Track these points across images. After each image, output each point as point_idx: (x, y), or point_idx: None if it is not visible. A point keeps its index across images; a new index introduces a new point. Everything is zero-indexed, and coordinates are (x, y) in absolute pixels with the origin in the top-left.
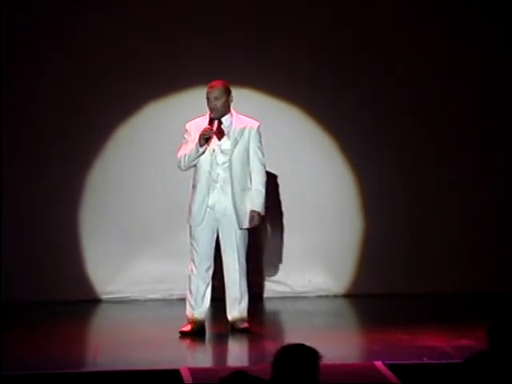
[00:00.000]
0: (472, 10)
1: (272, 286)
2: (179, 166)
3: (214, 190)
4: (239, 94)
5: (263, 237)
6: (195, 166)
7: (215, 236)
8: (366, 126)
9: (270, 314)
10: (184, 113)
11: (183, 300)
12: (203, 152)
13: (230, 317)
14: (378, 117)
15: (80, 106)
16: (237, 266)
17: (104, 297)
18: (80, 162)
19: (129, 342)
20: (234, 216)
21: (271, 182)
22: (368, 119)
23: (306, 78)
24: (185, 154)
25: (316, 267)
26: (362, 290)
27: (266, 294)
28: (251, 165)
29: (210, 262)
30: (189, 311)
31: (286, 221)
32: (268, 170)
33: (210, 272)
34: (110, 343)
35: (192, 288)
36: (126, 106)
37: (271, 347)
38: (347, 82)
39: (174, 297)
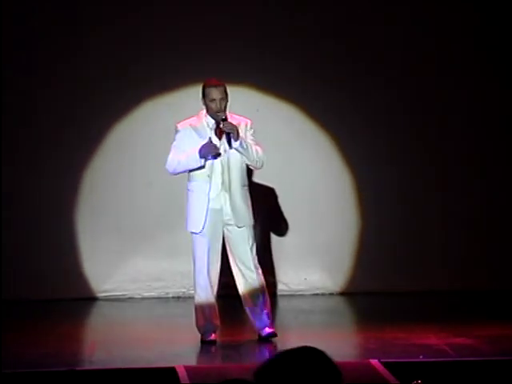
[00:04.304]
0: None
1: (268, 285)
2: (168, 170)
3: (219, 193)
4: (236, 93)
5: (259, 235)
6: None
7: (221, 240)
8: (364, 125)
9: None
10: (181, 111)
11: (179, 298)
12: (203, 165)
13: (257, 325)
14: (376, 116)
15: (77, 106)
16: (253, 269)
17: (100, 295)
18: (77, 162)
19: (125, 340)
20: (232, 213)
21: (268, 180)
22: (365, 119)
23: (304, 77)
24: (179, 160)
25: (312, 265)
26: (358, 288)
27: None
28: None
29: (216, 271)
30: (200, 321)
31: (282, 219)
32: (264, 168)
33: (217, 280)
34: (106, 341)
35: (201, 301)
36: (123, 105)
37: (266, 346)
38: (345, 81)
39: (170, 295)
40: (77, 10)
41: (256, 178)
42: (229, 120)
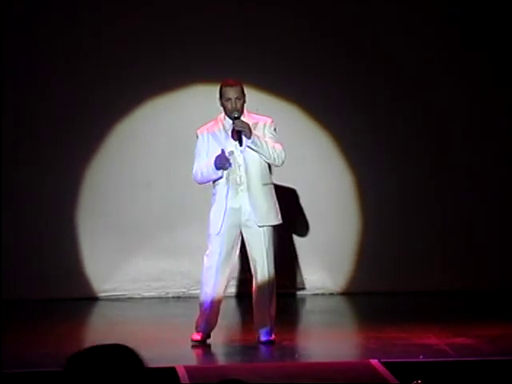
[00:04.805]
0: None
1: None
2: (195, 180)
3: (238, 193)
4: None
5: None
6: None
7: (239, 242)
8: (364, 125)
9: None
10: (182, 111)
11: (179, 298)
12: (221, 176)
13: (257, 327)
14: (376, 116)
15: (78, 106)
16: (265, 271)
17: (101, 295)
18: (77, 162)
19: (125, 339)
20: (252, 212)
21: None
22: (366, 119)
23: (305, 77)
24: (201, 172)
25: (312, 265)
26: (358, 288)
27: None
28: None
29: (229, 271)
30: (200, 319)
31: (283, 220)
32: None
33: (225, 281)
34: (106, 341)
35: (205, 299)
36: (124, 105)
37: (266, 346)
38: (345, 81)
39: (170, 295)
40: (77, 10)
41: None
42: (245, 119)
